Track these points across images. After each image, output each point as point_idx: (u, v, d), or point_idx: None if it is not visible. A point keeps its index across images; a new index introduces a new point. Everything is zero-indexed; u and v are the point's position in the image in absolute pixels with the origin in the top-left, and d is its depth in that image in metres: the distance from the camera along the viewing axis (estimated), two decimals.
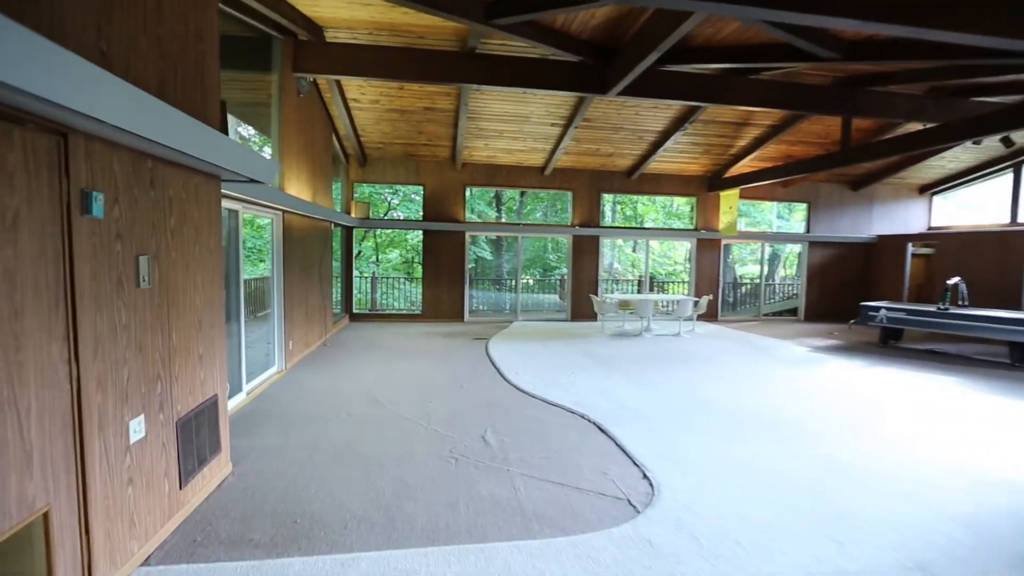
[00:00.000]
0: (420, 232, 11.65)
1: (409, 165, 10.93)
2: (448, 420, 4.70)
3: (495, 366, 6.96)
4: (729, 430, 4.57)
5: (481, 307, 14.75)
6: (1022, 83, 7.50)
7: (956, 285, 8.63)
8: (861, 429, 4.64)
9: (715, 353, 8.23)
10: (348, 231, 10.88)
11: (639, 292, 14.91)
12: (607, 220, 16.76)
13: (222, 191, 3.44)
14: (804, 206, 13.04)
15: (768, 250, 18.03)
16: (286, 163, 6.43)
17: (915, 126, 9.20)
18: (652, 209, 20.50)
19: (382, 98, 8.48)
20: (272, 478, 3.44)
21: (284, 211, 6.31)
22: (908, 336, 9.83)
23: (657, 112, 9.02)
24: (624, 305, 10.64)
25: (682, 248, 19.92)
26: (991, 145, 10.78)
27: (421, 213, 11.26)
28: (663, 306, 12.20)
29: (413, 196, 16.83)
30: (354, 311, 11.12)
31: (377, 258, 19.71)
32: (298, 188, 6.97)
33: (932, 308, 8.60)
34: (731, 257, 18.65)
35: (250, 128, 8.05)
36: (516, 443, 4.14)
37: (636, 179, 11.79)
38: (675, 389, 5.88)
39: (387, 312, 12.18)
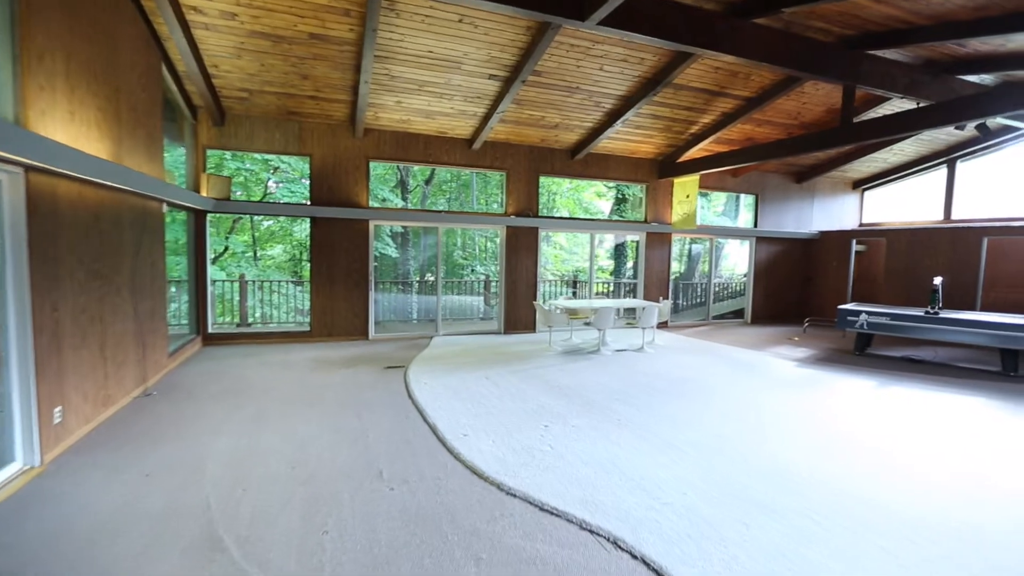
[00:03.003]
0: (307, 221, 8.71)
1: (289, 128, 7.97)
2: None
3: (427, 421, 4.52)
4: (863, 539, 2.61)
5: (389, 318, 12.04)
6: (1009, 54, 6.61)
7: (938, 286, 7.76)
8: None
9: (701, 375, 6.50)
10: (199, 216, 7.68)
11: (574, 295, 13.13)
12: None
13: None
14: (736, 197, 12.06)
15: (695, 247, 17.32)
16: (37, 80, 3.46)
17: (895, 107, 8.28)
18: (568, 202, 18.94)
19: (241, 10, 5.58)
20: None
21: (32, 167, 3.36)
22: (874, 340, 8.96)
23: (626, 68, 7.07)
24: (573, 314, 8.67)
25: (593, 242, 18.77)
26: (936, 137, 10.38)
27: (308, 196, 8.34)
28: (621, 314, 10.44)
29: (303, 181, 13.55)
30: (211, 331, 7.92)
31: (255, 255, 16.00)
32: (77, 134, 3.97)
33: (918, 312, 7.64)
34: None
35: None
36: None
37: (581, 160, 9.86)
38: (706, 448, 3.90)
39: (262, 331, 9.06)
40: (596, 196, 19.60)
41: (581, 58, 6.76)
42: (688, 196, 9.92)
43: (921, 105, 7.09)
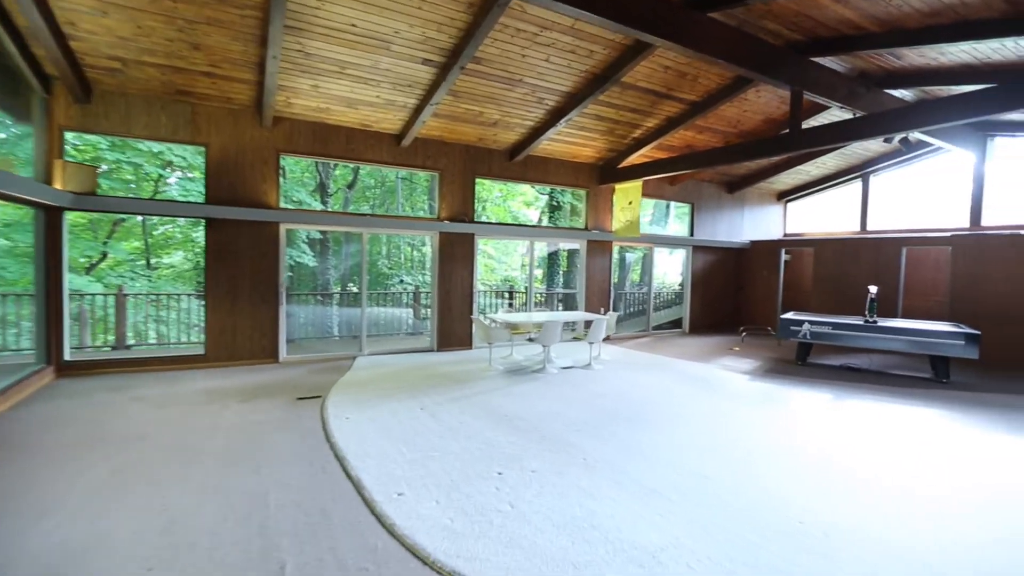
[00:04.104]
0: (204, 223, 7.30)
1: (178, 111, 6.62)
2: None
3: (350, 474, 3.55)
4: None
5: (306, 335, 10.69)
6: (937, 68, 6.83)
7: (875, 296, 7.87)
8: None
9: (660, 396, 5.99)
10: (52, 215, 6.11)
11: (511, 307, 12.45)
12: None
13: None
14: (666, 206, 12.05)
15: (628, 256, 17.32)
16: None
17: (831, 117, 8.40)
18: (500, 210, 18.30)
19: None
20: None
21: None
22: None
23: (573, 61, 6.50)
24: (515, 329, 7.95)
25: (522, 250, 18.32)
26: (854, 152, 10.84)
27: (204, 192, 6.98)
28: (572, 327, 9.83)
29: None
30: (68, 358, 6.32)
31: (148, 264, 13.86)
32: None
33: (858, 320, 7.70)
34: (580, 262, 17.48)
35: None
36: None
37: (520, 162, 9.21)
38: (694, 493, 3.27)
39: (142, 357, 7.53)
40: (524, 205, 19.14)
41: (527, 46, 6.09)
42: (631, 203, 9.58)
43: (858, 115, 7.14)
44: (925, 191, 10.70)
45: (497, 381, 6.54)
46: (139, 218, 13.17)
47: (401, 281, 16.71)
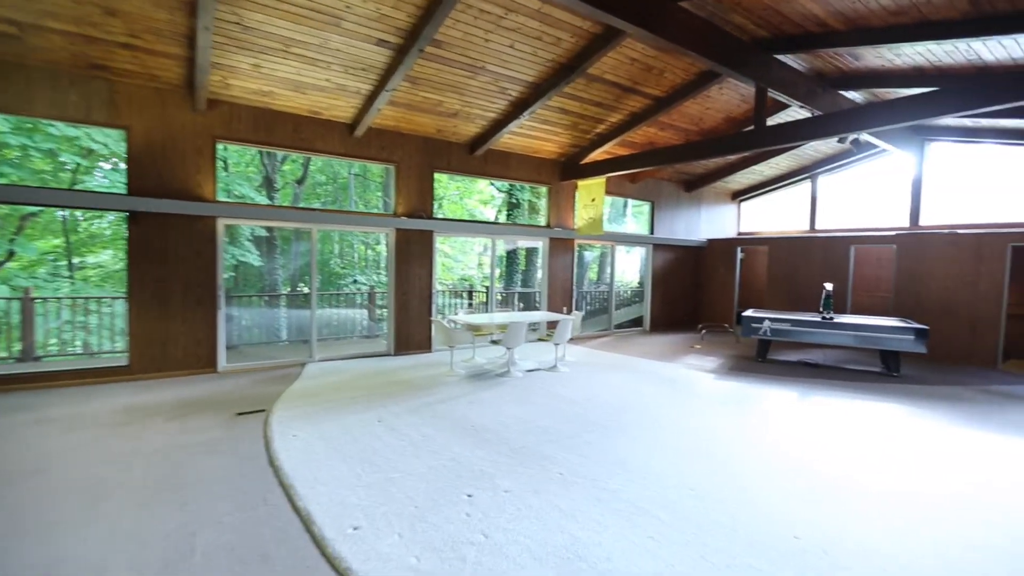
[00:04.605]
0: (129, 217, 6.47)
1: (93, 88, 5.81)
2: None
3: (297, 506, 3.08)
4: None
5: (251, 340, 9.91)
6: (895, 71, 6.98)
7: (831, 292, 8.02)
8: None
9: (632, 399, 5.78)
10: None
11: (470, 307, 12.05)
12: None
13: None
14: (623, 204, 12.02)
15: (587, 254, 17.28)
16: None
17: (790, 116, 8.49)
18: (457, 207, 17.81)
19: None
20: None
21: None
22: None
23: (539, 49, 6.18)
24: (477, 330, 7.58)
25: (479, 248, 17.94)
26: (804, 153, 11.12)
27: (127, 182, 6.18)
28: (534, 327, 9.50)
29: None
30: None
31: (70, 264, 12.49)
32: None
33: (815, 317, 7.81)
34: (539, 261, 17.28)
35: None
36: None
37: (481, 156, 8.83)
38: (683, 511, 3.01)
39: (51, 371, 6.66)
40: (481, 204, 18.74)
41: (491, 29, 5.71)
42: (594, 200, 9.39)
43: (816, 114, 7.21)
44: (870, 192, 11.11)
45: (460, 387, 6.14)
46: (59, 213, 11.87)
47: (355, 281, 15.92)
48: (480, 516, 2.99)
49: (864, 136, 8.46)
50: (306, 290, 14.15)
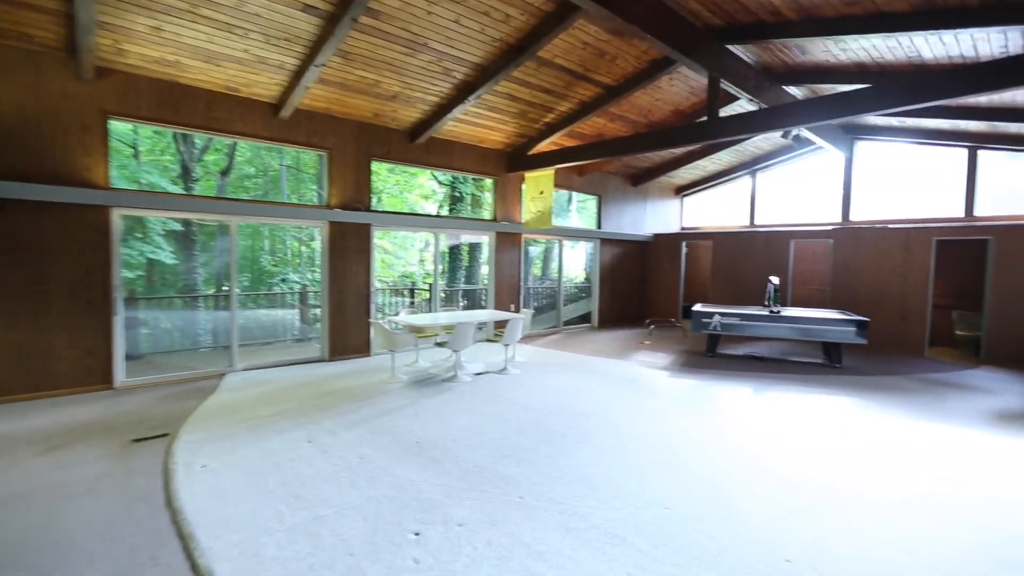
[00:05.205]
0: None
1: None
2: None
3: (196, 565, 2.45)
4: None
5: (165, 347, 8.81)
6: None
7: (777, 286, 8.10)
8: None
9: (589, 403, 5.45)
10: None
11: (412, 305, 11.40)
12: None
13: None
14: (568, 198, 11.83)
15: (531, 249, 16.99)
16: None
17: (738, 109, 8.47)
18: (397, 201, 16.98)
19: None
20: None
21: None
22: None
23: (487, 26, 5.69)
24: (420, 332, 7.02)
25: (421, 244, 17.24)
26: (745, 149, 11.32)
27: None
28: (481, 326, 8.99)
29: None
30: None
31: None
32: None
33: (763, 311, 7.85)
34: (483, 257, 16.83)
35: None
36: None
37: (423, 144, 8.23)
38: (661, 536, 2.67)
39: None
40: (422, 198, 18.00)
41: (435, 0, 5.16)
42: (542, 192, 9.03)
43: (762, 107, 7.20)
44: (806, 188, 11.48)
45: (403, 395, 5.58)
46: None
47: (284, 280, 14.76)
48: (431, 562, 2.50)
49: (804, 133, 8.62)
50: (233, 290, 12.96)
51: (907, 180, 9.76)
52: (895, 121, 8.94)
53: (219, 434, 4.24)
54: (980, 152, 8.80)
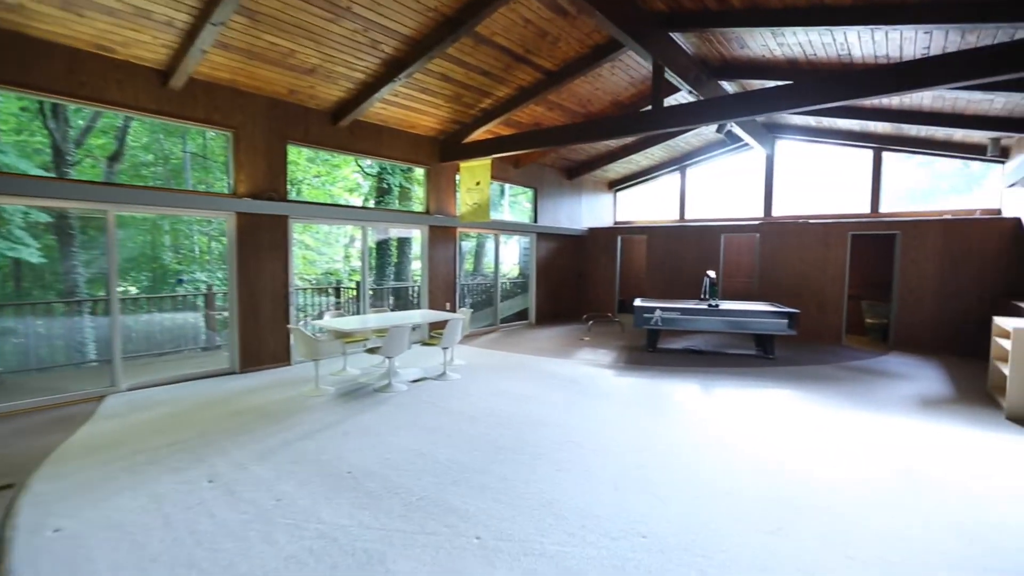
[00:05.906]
0: None
1: None
2: None
3: None
4: None
5: (17, 367, 7.36)
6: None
7: (715, 280, 8.16)
8: None
9: (539, 410, 5.04)
10: None
11: (338, 306, 10.48)
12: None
13: None
14: (500, 191, 11.48)
15: (464, 244, 16.40)
16: None
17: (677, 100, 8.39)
18: (320, 193, 15.68)
19: None
20: None
21: None
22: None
23: None
24: (347, 337, 6.29)
25: (346, 239, 16.17)
26: (676, 145, 11.46)
27: None
28: (415, 328, 8.28)
29: None
30: None
31: None
32: None
33: (702, 305, 7.87)
34: (414, 252, 16.06)
35: None
36: None
37: (347, 128, 7.40)
38: (647, 573, 2.33)
39: None
40: (347, 191, 16.79)
41: None
42: (479, 183, 8.49)
43: (702, 99, 7.14)
44: (733, 184, 11.84)
45: (330, 411, 4.87)
46: None
47: (180, 282, 13.12)
48: None
49: (735, 129, 8.76)
50: (131, 293, 11.25)
51: (823, 178, 10.28)
52: (812, 121, 9.34)
53: (86, 480, 3.35)
54: (884, 153, 9.42)
